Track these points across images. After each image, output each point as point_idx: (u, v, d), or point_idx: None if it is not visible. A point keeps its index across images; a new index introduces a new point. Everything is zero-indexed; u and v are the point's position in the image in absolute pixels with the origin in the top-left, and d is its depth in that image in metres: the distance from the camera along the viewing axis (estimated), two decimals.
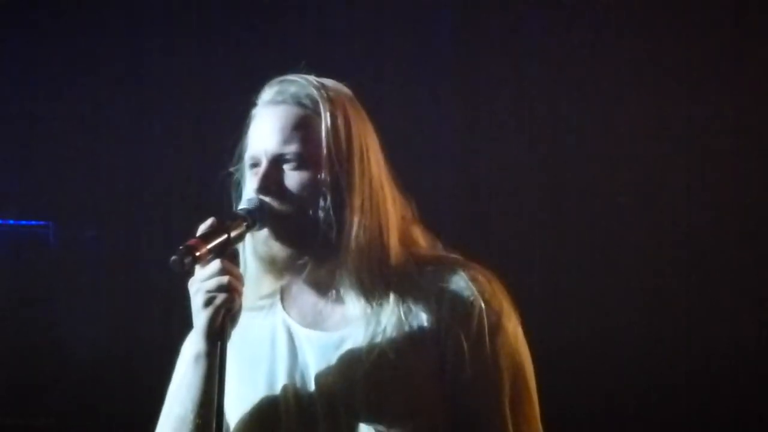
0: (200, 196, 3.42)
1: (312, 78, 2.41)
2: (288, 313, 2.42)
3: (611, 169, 3.50)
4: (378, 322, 2.32)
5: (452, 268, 2.38)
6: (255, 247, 2.37)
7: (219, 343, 2.25)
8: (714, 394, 3.42)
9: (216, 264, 2.24)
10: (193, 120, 3.84)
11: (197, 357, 2.28)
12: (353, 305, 2.34)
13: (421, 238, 2.46)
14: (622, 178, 3.49)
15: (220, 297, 2.24)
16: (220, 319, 2.24)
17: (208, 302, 2.24)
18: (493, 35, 3.57)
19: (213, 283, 2.24)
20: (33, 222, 4.03)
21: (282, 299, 2.45)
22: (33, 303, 4.02)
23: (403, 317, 2.32)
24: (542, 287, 3.48)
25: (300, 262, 2.35)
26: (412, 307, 2.33)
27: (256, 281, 2.40)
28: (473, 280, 2.36)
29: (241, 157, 2.45)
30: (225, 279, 2.24)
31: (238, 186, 2.45)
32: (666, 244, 3.47)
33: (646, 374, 3.47)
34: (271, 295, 2.47)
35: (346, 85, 2.45)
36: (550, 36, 3.52)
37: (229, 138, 2.46)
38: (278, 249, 2.35)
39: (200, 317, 2.25)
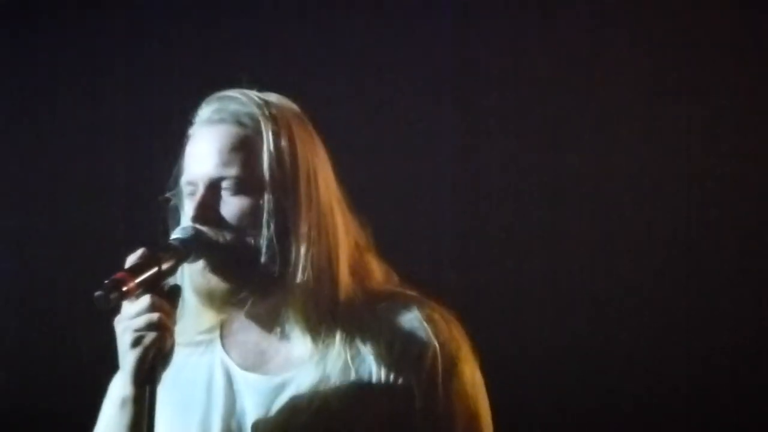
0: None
1: (254, 94, 2.20)
2: (227, 353, 2.21)
3: (612, 172, 3.40)
4: (323, 366, 2.11)
5: (406, 305, 2.17)
6: (192, 278, 2.15)
7: (148, 387, 2.03)
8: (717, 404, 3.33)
9: (145, 300, 2.02)
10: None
11: (123, 402, 2.05)
12: (298, 345, 2.13)
13: (375, 269, 2.25)
14: (623, 181, 3.39)
15: (150, 336, 2.01)
16: (149, 360, 2.02)
17: (135, 342, 2.01)
18: (492, 37, 3.46)
19: (141, 320, 2.01)
20: None
21: (222, 336, 2.24)
22: None
23: (349, 361, 2.11)
24: (541, 290, 3.38)
25: (240, 296, 2.13)
26: (361, 348, 2.12)
27: (194, 315, 2.19)
28: (428, 320, 2.14)
29: (177, 181, 2.23)
30: (155, 316, 2.01)
31: (176, 212, 2.23)
32: (669, 247, 3.38)
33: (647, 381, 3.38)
34: (210, 330, 2.25)
35: (293, 101, 2.24)
36: (551, 38, 3.43)
37: (165, 160, 2.26)
38: (216, 282, 2.13)
39: (127, 358, 2.03)
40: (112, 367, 2.16)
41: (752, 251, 3.31)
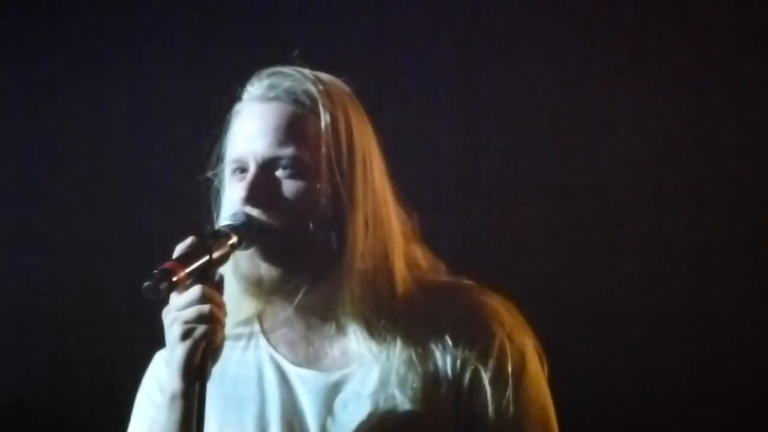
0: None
1: (307, 71, 2.07)
2: (274, 347, 2.08)
3: (612, 171, 3.34)
4: (386, 361, 2.00)
5: (467, 296, 2.07)
6: (238, 264, 2.02)
7: (198, 382, 1.91)
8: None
9: (196, 290, 1.90)
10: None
11: (173, 398, 1.93)
12: (356, 340, 2.01)
13: (422, 259, 2.14)
14: (623, 180, 3.33)
15: (200, 329, 1.89)
16: (199, 354, 1.90)
17: (185, 335, 1.89)
18: (493, 36, 3.39)
19: (192, 312, 1.89)
20: None
21: (263, 329, 2.11)
22: None
23: (413, 355, 2.00)
24: (541, 290, 3.29)
25: (291, 285, 2.01)
26: (424, 342, 2.01)
27: (235, 304, 2.05)
28: (492, 310, 2.05)
29: (220, 160, 2.10)
30: (206, 308, 1.89)
31: (217, 195, 2.11)
32: (669, 246, 3.32)
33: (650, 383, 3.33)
34: (248, 322, 2.13)
35: (344, 82, 2.11)
36: (551, 36, 3.35)
37: (206, 138, 2.13)
38: (266, 269, 2.00)
39: (176, 352, 1.90)
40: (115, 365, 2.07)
41: (753, 250, 3.28)
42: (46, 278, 3.43)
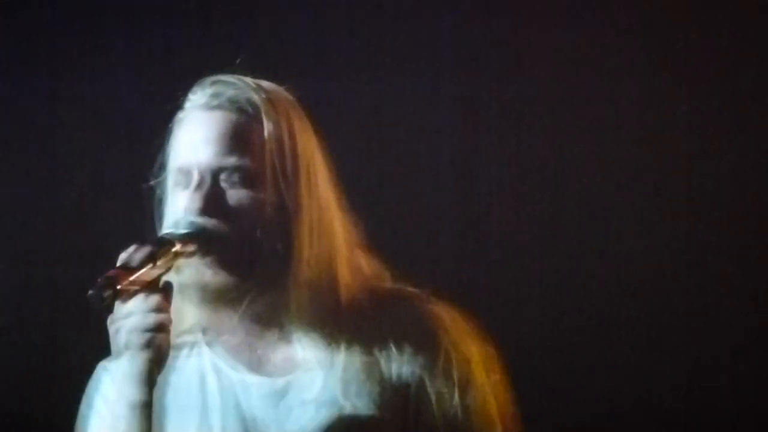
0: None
1: (249, 80, 2.08)
2: (217, 354, 2.09)
3: (613, 170, 3.34)
4: (330, 368, 2.01)
5: (412, 304, 2.09)
6: (182, 273, 2.01)
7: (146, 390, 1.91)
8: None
9: (141, 298, 1.90)
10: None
11: (132, 408, 1.91)
12: (300, 346, 2.03)
13: (366, 266, 2.15)
14: (624, 178, 3.33)
15: (145, 337, 1.90)
16: (146, 363, 1.90)
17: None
18: (493, 35, 3.39)
19: (136, 320, 1.90)
20: None
21: (206, 337, 2.11)
22: None
23: (358, 362, 2.02)
24: (540, 289, 3.31)
25: (236, 293, 2.02)
26: (369, 350, 2.03)
27: (179, 313, 2.05)
28: (437, 319, 2.07)
29: (163, 168, 2.10)
30: (152, 316, 1.90)
31: (160, 203, 2.11)
32: (669, 247, 3.33)
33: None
34: (191, 330, 2.12)
35: (287, 89, 2.13)
36: (552, 36, 3.36)
37: (149, 147, 2.13)
38: (211, 277, 2.01)
39: (136, 361, 1.90)
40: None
41: (753, 251, 3.29)
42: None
